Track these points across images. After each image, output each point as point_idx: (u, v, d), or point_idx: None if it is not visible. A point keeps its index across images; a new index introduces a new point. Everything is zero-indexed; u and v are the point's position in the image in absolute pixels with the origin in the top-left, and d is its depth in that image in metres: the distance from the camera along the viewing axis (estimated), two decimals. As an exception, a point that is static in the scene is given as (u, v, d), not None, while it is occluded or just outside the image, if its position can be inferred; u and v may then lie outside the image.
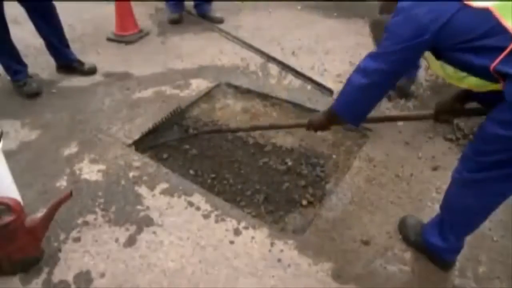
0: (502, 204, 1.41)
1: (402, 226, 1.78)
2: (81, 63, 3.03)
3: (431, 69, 1.36)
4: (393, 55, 1.29)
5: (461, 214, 1.49)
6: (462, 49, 1.18)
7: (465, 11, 1.15)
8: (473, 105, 1.52)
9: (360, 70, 1.39)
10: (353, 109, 1.48)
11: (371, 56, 1.37)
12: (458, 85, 1.35)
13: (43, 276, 1.60)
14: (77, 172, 2.11)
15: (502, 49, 1.10)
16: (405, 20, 1.24)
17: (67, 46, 2.98)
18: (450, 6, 1.16)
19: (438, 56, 1.29)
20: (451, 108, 1.55)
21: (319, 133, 1.86)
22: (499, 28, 1.10)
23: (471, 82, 1.26)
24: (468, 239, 1.62)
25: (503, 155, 1.23)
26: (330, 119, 1.65)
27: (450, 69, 1.29)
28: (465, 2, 1.15)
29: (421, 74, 2.88)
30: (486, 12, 1.12)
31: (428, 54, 1.33)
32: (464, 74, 1.25)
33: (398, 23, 1.27)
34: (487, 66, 1.13)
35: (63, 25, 2.90)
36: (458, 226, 1.54)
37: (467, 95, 1.49)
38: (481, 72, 1.18)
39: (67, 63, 3.01)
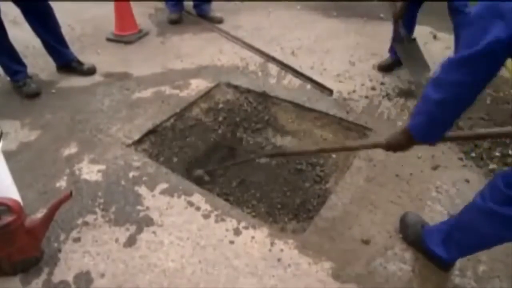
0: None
1: (403, 223, 1.77)
2: (81, 63, 3.03)
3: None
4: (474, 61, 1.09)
5: (473, 238, 1.45)
6: None
7: None
8: None
9: (435, 82, 1.23)
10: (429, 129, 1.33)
11: (449, 63, 1.17)
12: None
13: (43, 276, 1.60)
14: (77, 172, 2.11)
15: None
16: (491, 12, 1.04)
17: (66, 46, 2.98)
18: None
19: None
20: None
21: (320, 132, 1.85)
22: None
23: None
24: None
25: None
26: (409, 140, 1.41)
27: None
28: None
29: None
30: None
31: None
32: None
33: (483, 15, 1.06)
34: None
35: (62, 25, 2.90)
36: (466, 246, 1.52)
37: None
38: None
39: (66, 63, 3.01)
